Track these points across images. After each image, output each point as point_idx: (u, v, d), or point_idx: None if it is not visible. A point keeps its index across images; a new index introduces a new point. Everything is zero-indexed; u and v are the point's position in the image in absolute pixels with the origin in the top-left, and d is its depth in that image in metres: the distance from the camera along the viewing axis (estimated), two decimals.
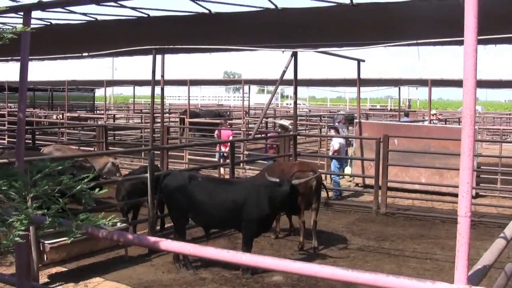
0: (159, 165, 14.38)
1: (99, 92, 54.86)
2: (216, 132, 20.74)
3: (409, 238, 11.89)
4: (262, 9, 8.40)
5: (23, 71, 4.89)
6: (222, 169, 18.07)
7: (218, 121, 27.03)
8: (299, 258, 9.89)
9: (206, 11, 8.40)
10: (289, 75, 14.47)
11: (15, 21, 8.06)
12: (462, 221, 3.09)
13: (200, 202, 9.25)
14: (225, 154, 18.61)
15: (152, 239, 4.34)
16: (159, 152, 16.57)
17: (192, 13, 8.57)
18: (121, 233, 4.78)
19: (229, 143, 17.75)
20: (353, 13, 8.82)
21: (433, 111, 27.70)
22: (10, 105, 34.91)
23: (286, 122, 16.07)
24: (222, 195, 9.29)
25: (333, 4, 8.14)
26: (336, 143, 16.50)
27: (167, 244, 4.22)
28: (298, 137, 16.21)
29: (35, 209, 3.76)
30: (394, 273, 6.85)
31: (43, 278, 8.76)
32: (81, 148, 21.60)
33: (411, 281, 3.21)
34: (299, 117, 28.36)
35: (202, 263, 9.52)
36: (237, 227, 9.70)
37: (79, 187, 3.76)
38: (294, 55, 13.74)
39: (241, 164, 18.56)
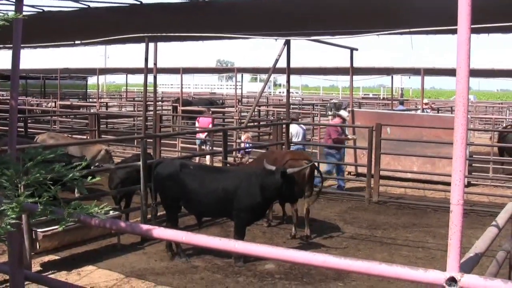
0: (151, 153, 14.36)
1: (91, 80, 54.56)
2: (197, 119, 20.75)
3: (401, 226, 11.93)
4: None
5: (15, 58, 4.86)
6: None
7: (213, 109, 27.01)
8: (292, 246, 9.89)
9: None
10: (282, 64, 14.44)
11: (7, 8, 8.02)
12: (455, 209, 3.10)
13: (191, 191, 9.24)
14: (205, 141, 19.11)
15: (145, 227, 4.34)
16: (151, 140, 16.57)
17: (184, 1, 8.55)
18: (113, 221, 4.78)
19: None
20: (346, 1, 8.82)
21: (425, 100, 27.73)
22: (2, 93, 34.74)
23: (345, 113, 15.92)
24: (213, 184, 9.27)
25: None
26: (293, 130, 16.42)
27: (159, 232, 4.23)
28: (291, 125, 16.19)
29: (27, 197, 3.75)
30: (386, 261, 6.88)
31: (35, 266, 8.75)
32: (74, 136, 21.54)
33: (404, 269, 3.22)
34: (292, 106, 28.41)
35: (195, 251, 9.53)
36: (229, 215, 9.70)
37: (71, 175, 3.75)
38: (287, 43, 13.69)
39: (234, 152, 18.53)
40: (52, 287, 5.72)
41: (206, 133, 18.97)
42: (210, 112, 21.53)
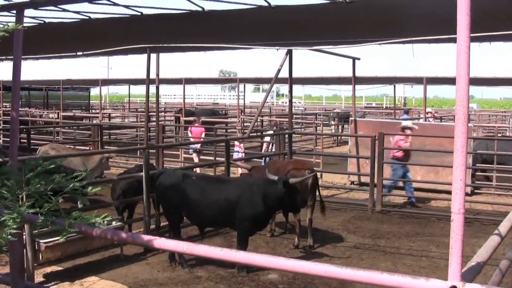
0: (154, 164, 14.38)
1: (94, 91, 54.86)
2: (189, 129, 20.88)
3: (405, 235, 11.90)
4: (255, 6, 8.37)
5: (16, 69, 4.88)
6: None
7: (215, 119, 27.05)
8: (295, 256, 9.88)
9: (199, 9, 8.38)
10: (285, 74, 14.46)
11: (8, 19, 8.04)
12: (456, 218, 3.09)
13: (193, 201, 9.22)
14: (197, 150, 19.60)
15: (146, 237, 4.33)
16: (154, 150, 16.59)
17: (185, 11, 8.55)
18: (114, 232, 4.77)
19: (201, 138, 19.53)
20: (348, 11, 8.81)
21: (429, 109, 27.70)
22: (5, 104, 34.81)
23: (409, 123, 15.74)
24: (215, 194, 9.25)
25: (327, 2, 8.13)
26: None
27: (161, 242, 4.22)
28: (293, 135, 16.22)
29: (28, 208, 3.75)
30: (390, 270, 6.86)
31: (38, 277, 8.73)
32: (77, 147, 21.58)
33: (405, 278, 3.21)
34: (294, 115, 28.41)
35: (198, 261, 9.51)
36: (231, 225, 9.68)
37: (71, 185, 3.74)
38: (289, 53, 13.72)
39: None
40: None
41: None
42: (200, 120, 21.76)
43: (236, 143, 17.99)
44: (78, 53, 13.90)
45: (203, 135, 20.75)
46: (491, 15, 8.47)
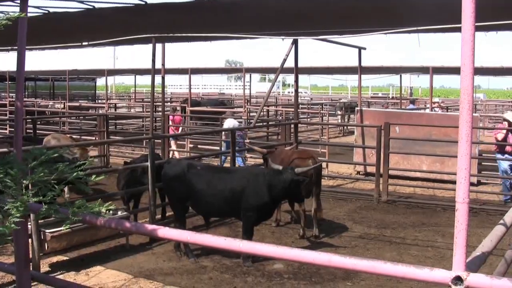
0: (160, 154, 14.39)
1: (100, 81, 54.80)
2: (171, 117, 21.20)
3: (410, 225, 11.89)
4: None
5: (21, 59, 4.86)
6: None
7: (221, 109, 27.04)
8: (300, 246, 9.87)
9: None
10: (291, 63, 14.42)
11: (13, 9, 8.02)
12: (460, 207, 3.07)
13: (198, 191, 9.22)
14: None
15: (150, 226, 4.32)
16: (160, 140, 16.61)
17: (190, 0, 8.51)
18: (119, 221, 4.76)
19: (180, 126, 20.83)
20: (354, 0, 8.77)
21: (436, 99, 27.62)
22: (12, 95, 34.86)
23: (510, 116, 15.45)
24: (220, 184, 9.25)
25: None
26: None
27: (165, 231, 4.21)
28: (299, 125, 16.20)
29: (32, 197, 3.75)
30: (395, 260, 6.85)
31: (44, 267, 8.77)
32: (83, 137, 21.63)
33: (409, 268, 3.19)
34: (300, 105, 28.39)
35: (203, 251, 9.53)
36: (236, 215, 9.68)
37: (75, 174, 3.74)
38: (295, 42, 13.66)
39: (244, 152, 18.56)
40: (58, 287, 5.72)
41: (180, 129, 21.46)
42: (178, 110, 22.53)
43: (238, 132, 18.03)
44: (84, 43, 13.84)
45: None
46: (498, 3, 8.41)
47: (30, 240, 8.02)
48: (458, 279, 3.02)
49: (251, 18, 10.93)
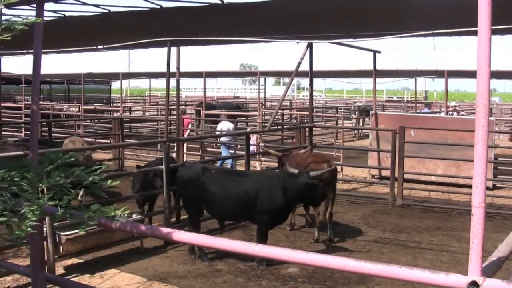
0: (174, 157, 14.43)
1: (115, 84, 55.01)
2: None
3: (425, 230, 11.83)
4: None
5: (36, 62, 4.89)
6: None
7: (236, 113, 27.10)
8: (314, 250, 9.85)
9: (219, 2, 8.36)
10: (305, 67, 14.41)
11: (29, 13, 8.08)
12: (476, 211, 3.05)
13: (213, 194, 9.23)
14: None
15: (165, 230, 4.34)
16: (175, 144, 16.66)
17: (204, 4, 8.52)
18: (134, 224, 4.79)
19: (188, 128, 21.10)
20: (369, 3, 8.75)
21: (452, 103, 27.47)
22: (27, 98, 35.10)
23: None
24: (235, 187, 9.25)
25: None
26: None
27: (180, 235, 4.22)
28: (314, 128, 16.19)
29: (48, 200, 3.76)
30: (410, 265, 6.81)
31: (59, 270, 8.81)
32: (98, 140, 21.73)
33: (425, 273, 3.19)
34: (315, 109, 28.35)
35: (217, 254, 9.53)
36: (251, 219, 9.67)
37: (91, 178, 3.75)
38: (310, 46, 13.67)
39: (257, 156, 18.56)
40: None
41: (187, 132, 21.77)
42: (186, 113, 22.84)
43: (254, 137, 18.03)
44: (99, 47, 13.92)
45: (190, 126, 22.94)
46: None
47: (45, 242, 8.06)
48: (474, 284, 3.00)
49: (266, 21, 10.92)
